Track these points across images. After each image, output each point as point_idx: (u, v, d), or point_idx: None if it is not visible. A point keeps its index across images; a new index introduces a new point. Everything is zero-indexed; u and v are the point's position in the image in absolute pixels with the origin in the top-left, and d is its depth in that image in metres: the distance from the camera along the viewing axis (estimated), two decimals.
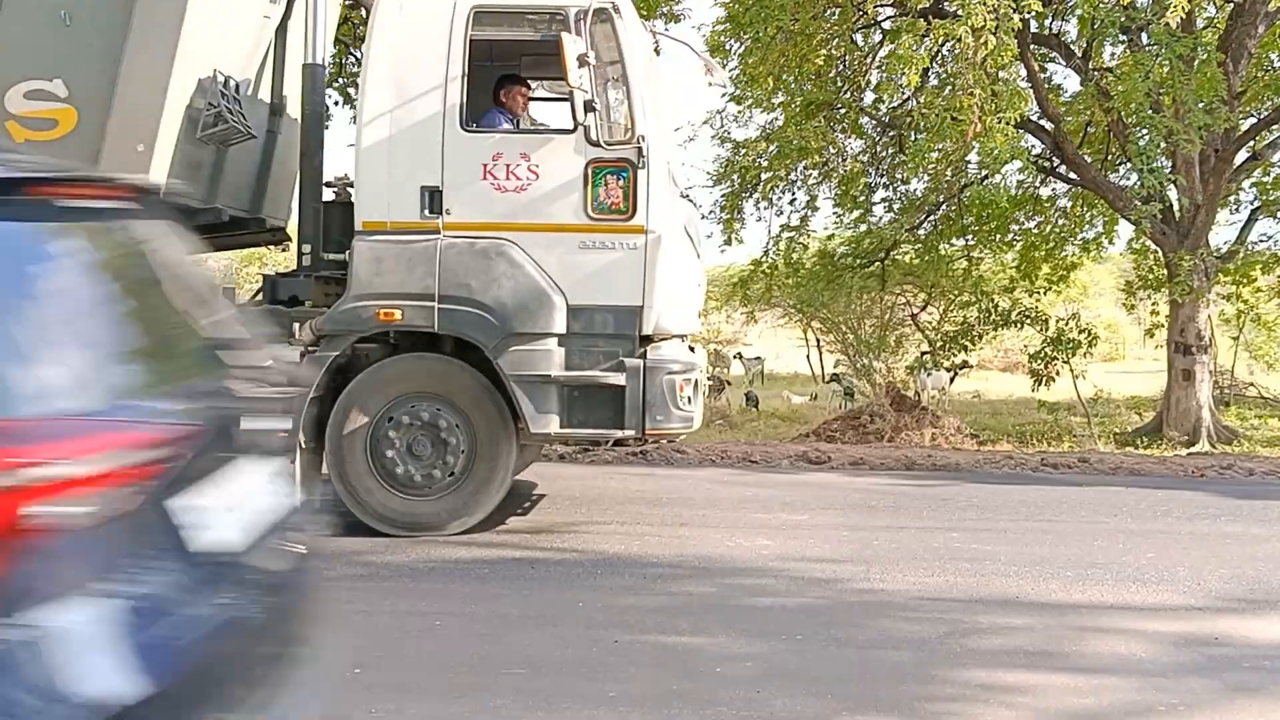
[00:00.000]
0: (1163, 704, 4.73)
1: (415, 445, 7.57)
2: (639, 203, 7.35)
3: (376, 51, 7.54)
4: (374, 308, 7.47)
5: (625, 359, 7.41)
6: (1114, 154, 16.54)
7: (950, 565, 7.13)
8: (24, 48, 7.43)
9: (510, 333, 7.37)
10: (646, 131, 7.34)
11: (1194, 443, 14.62)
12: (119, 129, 7.39)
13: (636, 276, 7.39)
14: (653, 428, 7.43)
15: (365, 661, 5.09)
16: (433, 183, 7.44)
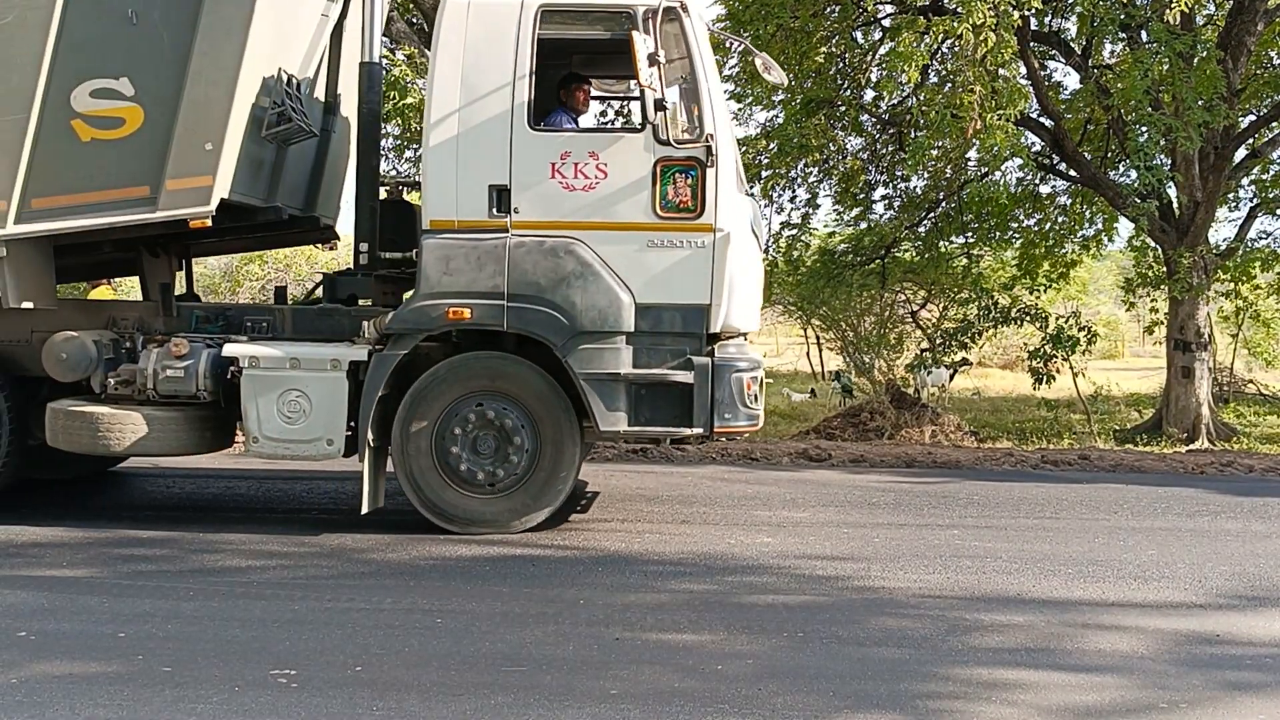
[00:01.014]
0: (1164, 701, 4.74)
1: (479, 443, 7.57)
2: (707, 201, 7.35)
3: (444, 51, 7.51)
4: (444, 306, 7.45)
5: (693, 357, 7.42)
6: (1113, 151, 16.53)
7: (951, 562, 7.14)
8: (90, 46, 7.44)
9: (579, 331, 7.38)
10: (715, 130, 7.34)
11: (1193, 440, 14.63)
12: (187, 127, 7.41)
13: (705, 275, 7.39)
14: (721, 426, 7.45)
15: (366, 660, 5.10)
16: (501, 181, 7.42)
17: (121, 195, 7.53)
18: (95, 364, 7.75)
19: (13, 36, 7.38)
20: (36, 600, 6.04)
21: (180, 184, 7.42)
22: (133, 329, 8.08)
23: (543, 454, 7.58)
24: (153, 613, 5.80)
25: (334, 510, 8.92)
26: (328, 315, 8.17)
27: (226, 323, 8.16)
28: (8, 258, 7.56)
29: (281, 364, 7.52)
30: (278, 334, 8.05)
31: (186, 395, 7.65)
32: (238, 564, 6.93)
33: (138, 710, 4.47)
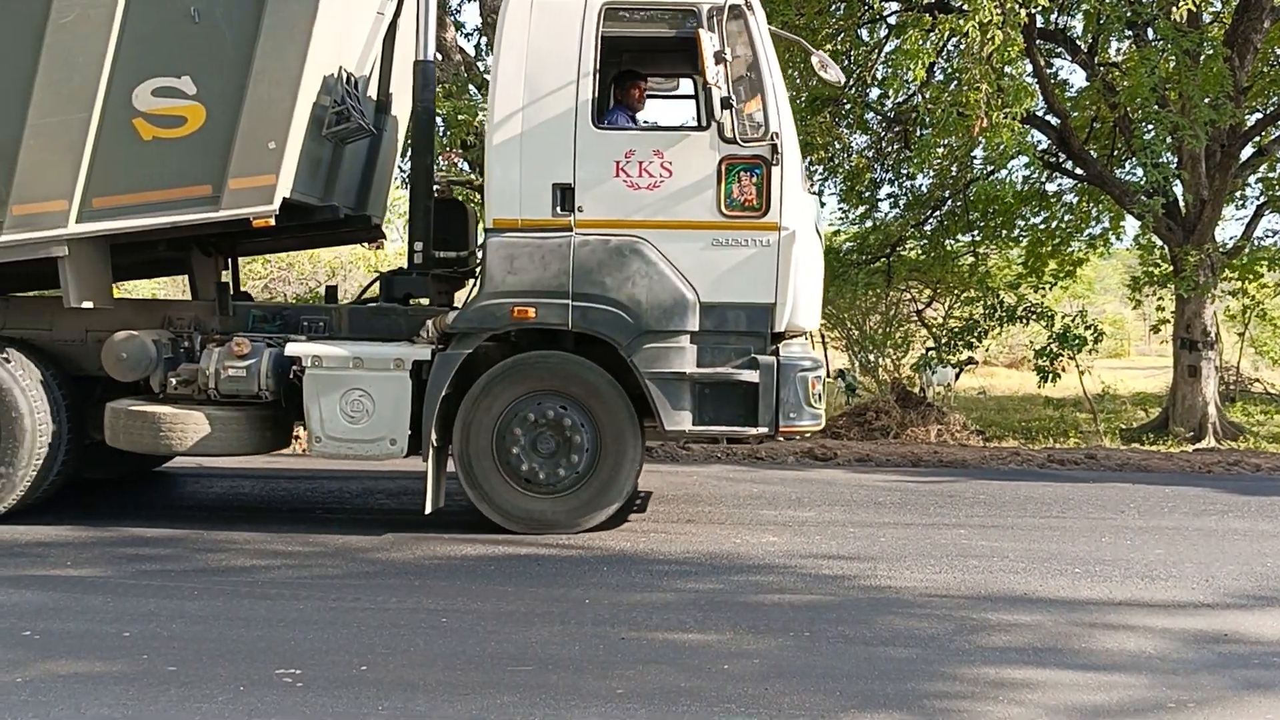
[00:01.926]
0: (1172, 700, 4.72)
1: (540, 443, 7.56)
2: (772, 200, 7.34)
3: (507, 49, 7.49)
4: (508, 305, 7.44)
5: (758, 356, 7.41)
6: (1120, 149, 16.50)
7: (957, 562, 7.12)
8: (152, 45, 7.41)
9: (644, 330, 7.37)
10: (780, 128, 7.32)
11: (1200, 439, 14.59)
12: (250, 126, 7.37)
13: (769, 273, 7.38)
14: (786, 426, 7.43)
15: (371, 659, 5.09)
16: (565, 180, 7.41)
17: (184, 194, 7.50)
18: (155, 363, 7.72)
19: (75, 35, 7.34)
20: (41, 600, 6.04)
21: (243, 183, 7.39)
22: (189, 328, 8.06)
23: (604, 453, 7.57)
24: (158, 612, 5.79)
25: (338, 509, 8.92)
26: (384, 315, 8.13)
27: (283, 322, 8.13)
28: (69, 257, 7.53)
29: (345, 363, 7.50)
30: (334, 333, 8.02)
31: (248, 395, 7.63)
32: (242, 563, 6.92)
33: (143, 709, 4.46)
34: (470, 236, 8.73)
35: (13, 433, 7.64)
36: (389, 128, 9.11)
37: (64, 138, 7.42)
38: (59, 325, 8.08)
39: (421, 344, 7.67)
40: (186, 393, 7.73)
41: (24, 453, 7.65)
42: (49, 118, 7.41)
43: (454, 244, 8.36)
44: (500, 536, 7.61)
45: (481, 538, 7.56)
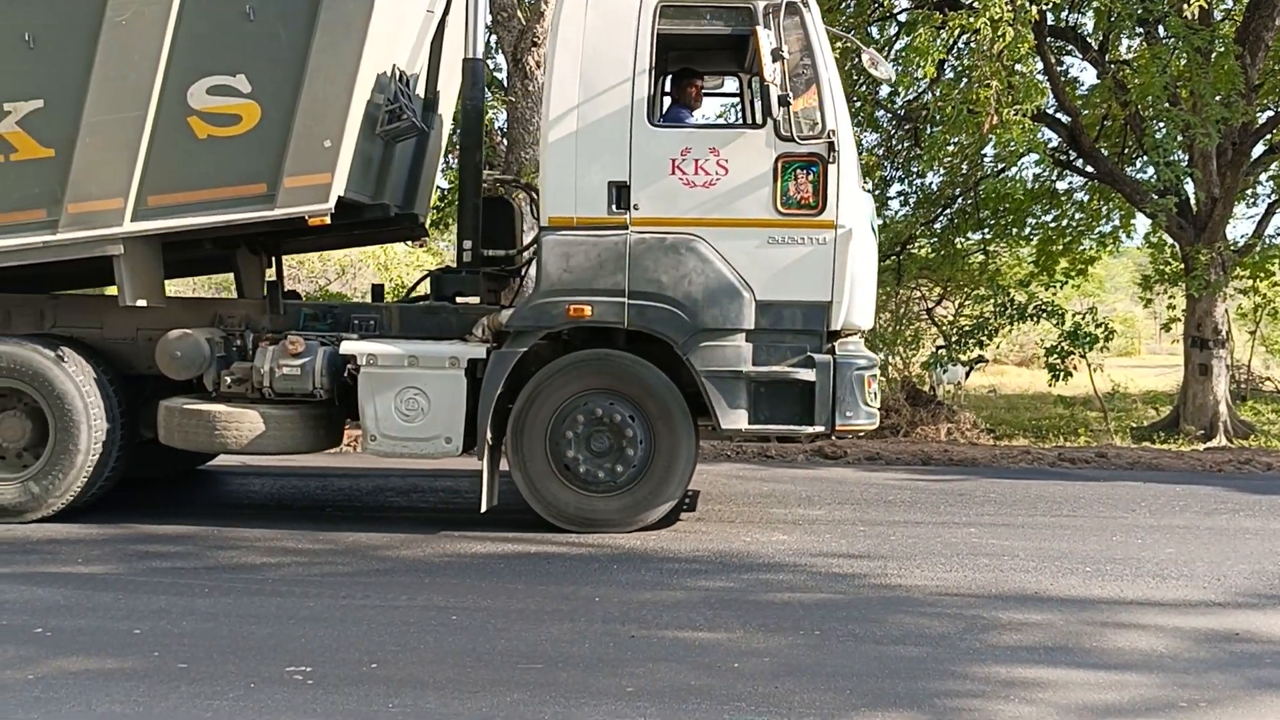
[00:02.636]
0: (1184, 699, 4.70)
1: (593, 441, 7.55)
2: (829, 197, 7.31)
3: (562, 47, 7.48)
4: (564, 304, 7.43)
5: (814, 354, 7.39)
6: (1131, 147, 16.46)
7: (968, 560, 7.11)
8: (206, 43, 7.41)
9: (701, 329, 7.36)
10: (837, 126, 7.31)
11: (1211, 437, 14.56)
12: (306, 124, 7.36)
13: (825, 271, 7.36)
14: (842, 424, 7.42)
15: (381, 656, 5.09)
16: (620, 178, 7.39)
17: (238, 193, 7.50)
18: (208, 362, 7.72)
19: (130, 33, 7.35)
20: (52, 597, 6.05)
21: (299, 181, 7.38)
22: (240, 326, 8.06)
23: (657, 452, 7.55)
24: (168, 609, 5.80)
25: (348, 507, 8.93)
26: (434, 313, 8.11)
27: (334, 320, 8.12)
28: (124, 255, 7.53)
29: (400, 362, 7.50)
30: (385, 332, 8.01)
31: (303, 393, 7.64)
32: (253, 561, 6.93)
33: (153, 706, 4.47)
34: (516, 235, 8.72)
35: (69, 431, 7.64)
36: (434, 126, 9.11)
37: (119, 136, 7.41)
38: (109, 323, 8.09)
39: (474, 342, 7.67)
40: (240, 391, 7.74)
41: (80, 451, 7.64)
42: (104, 116, 7.41)
43: (501, 242, 8.35)
44: (510, 534, 7.62)
45: (491, 536, 7.57)
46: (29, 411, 7.79)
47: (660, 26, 7.44)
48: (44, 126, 7.49)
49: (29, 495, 7.66)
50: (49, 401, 7.66)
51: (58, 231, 7.51)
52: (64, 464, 7.64)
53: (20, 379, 7.69)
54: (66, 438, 7.64)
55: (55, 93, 7.47)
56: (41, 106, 7.49)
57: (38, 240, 7.55)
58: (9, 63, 7.48)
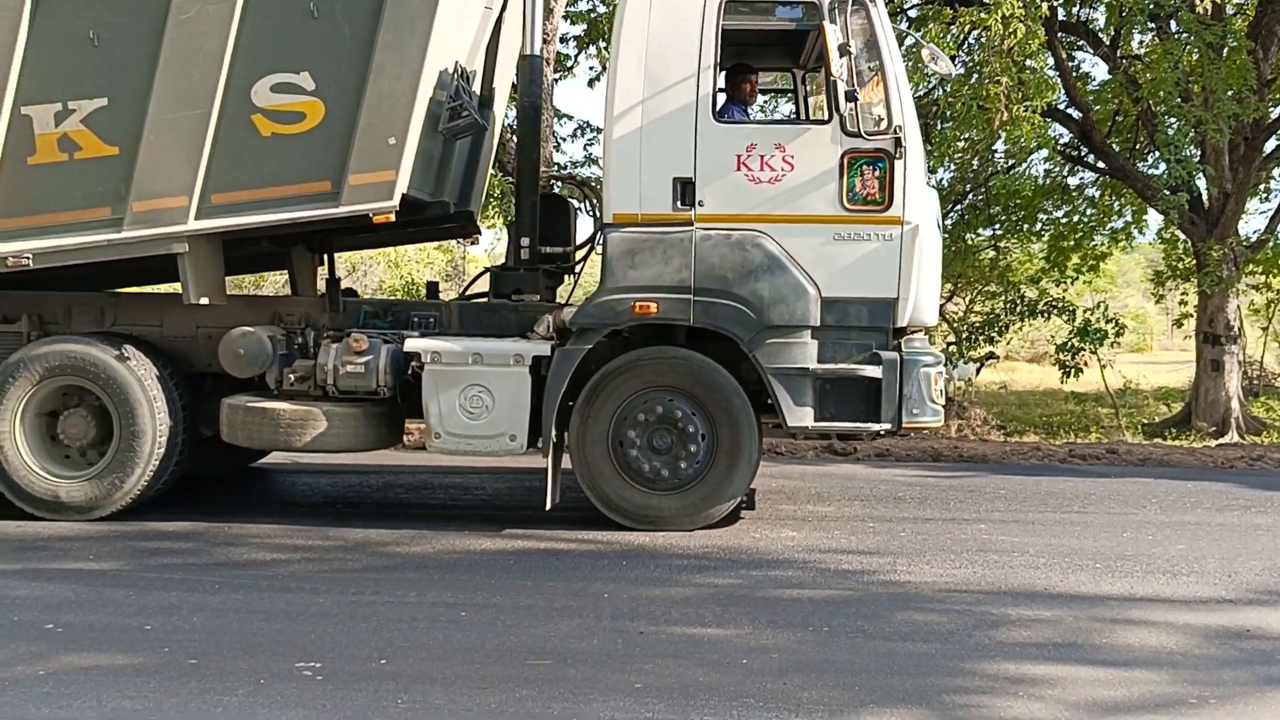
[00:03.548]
0: (1194, 696, 4.69)
1: (656, 439, 7.53)
2: (895, 193, 7.29)
3: (626, 42, 7.47)
4: (629, 301, 7.43)
5: (880, 352, 7.37)
6: (1142, 143, 16.41)
7: (978, 557, 7.10)
8: (270, 41, 7.41)
9: (767, 325, 7.33)
10: (904, 121, 7.28)
11: (1223, 434, 14.51)
12: (370, 122, 7.34)
13: (892, 268, 7.34)
14: (909, 421, 7.40)
15: (391, 652, 5.11)
16: (685, 174, 7.38)
17: (302, 190, 7.48)
18: (271, 359, 7.72)
19: (194, 31, 7.35)
20: (63, 593, 6.08)
21: (363, 179, 7.37)
22: (300, 324, 8.06)
23: (719, 449, 7.52)
24: (179, 605, 5.82)
25: (357, 504, 8.95)
26: (494, 310, 8.11)
27: (394, 318, 8.11)
28: (188, 254, 7.54)
29: (464, 359, 7.50)
30: (444, 329, 8.00)
31: (366, 391, 7.63)
32: (263, 557, 6.95)
33: (164, 702, 4.48)
34: (572, 232, 8.71)
35: (134, 429, 7.64)
36: (490, 122, 9.11)
37: (183, 134, 7.41)
38: (169, 321, 8.10)
39: (537, 339, 7.65)
40: (303, 389, 7.74)
41: (145, 449, 7.65)
42: (168, 114, 7.41)
43: (556, 239, 8.34)
44: (518, 531, 7.63)
45: (500, 532, 7.58)
46: (93, 410, 7.80)
47: (725, 22, 7.41)
48: (108, 125, 7.50)
49: (95, 493, 7.67)
50: (114, 399, 7.66)
51: (122, 230, 7.52)
52: (129, 462, 7.64)
53: (85, 377, 7.70)
54: (131, 435, 7.64)
55: (119, 91, 7.47)
56: (105, 105, 7.49)
57: (102, 238, 7.56)
58: (73, 61, 7.48)
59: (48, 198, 7.58)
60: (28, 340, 7.92)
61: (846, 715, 4.44)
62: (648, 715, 4.42)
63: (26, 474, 7.68)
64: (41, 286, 8.06)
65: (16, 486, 7.68)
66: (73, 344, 7.76)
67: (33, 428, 7.78)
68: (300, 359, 7.84)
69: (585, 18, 16.00)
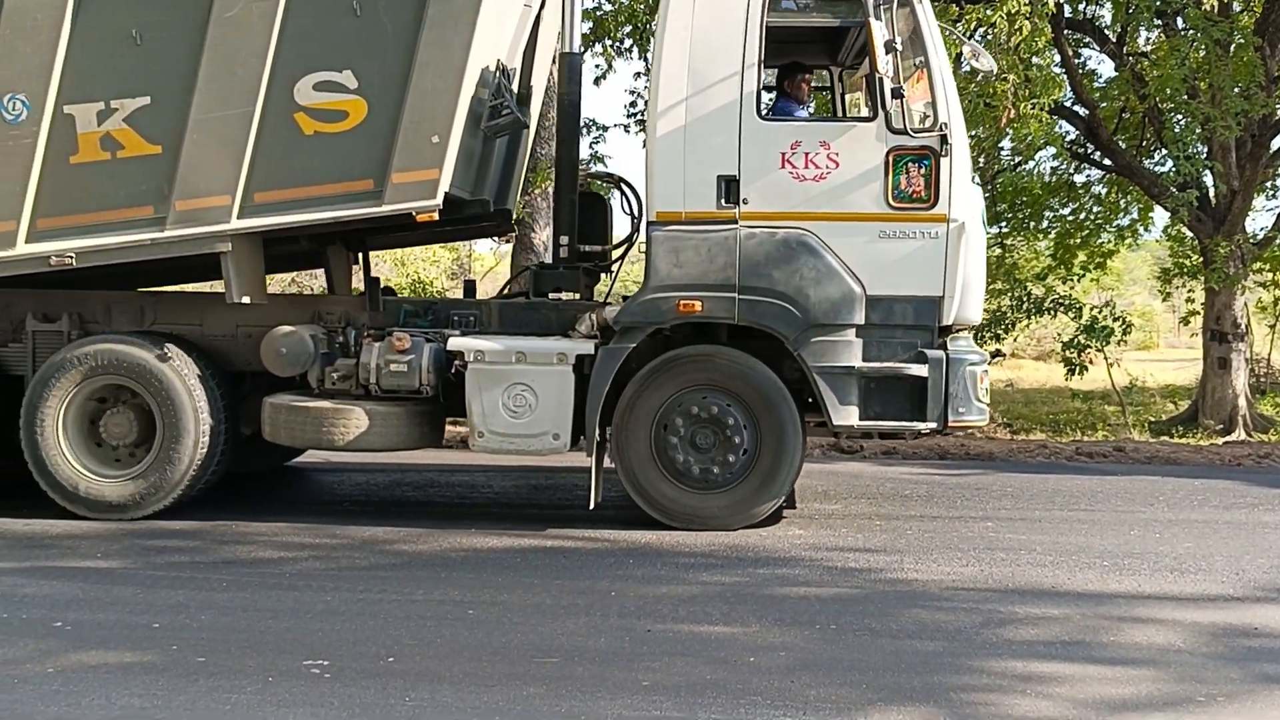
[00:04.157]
0: (1201, 694, 4.69)
1: (698, 437, 7.51)
2: (941, 191, 7.27)
3: (670, 40, 7.44)
4: (674, 299, 7.41)
5: (925, 350, 7.35)
6: (1149, 140, 16.37)
7: (984, 555, 7.10)
8: (313, 39, 7.40)
9: (812, 324, 7.31)
10: (950, 119, 7.27)
11: (1230, 431, 14.48)
12: (413, 120, 7.33)
13: (937, 266, 7.32)
14: (955, 420, 7.38)
15: (398, 651, 5.11)
16: (729, 172, 7.36)
17: (345, 189, 7.48)
18: (312, 359, 7.71)
19: (237, 29, 7.35)
20: (72, 591, 6.10)
21: (407, 177, 7.36)
22: (340, 323, 8.05)
23: (763, 449, 7.49)
24: (186, 603, 5.83)
25: (365, 502, 8.96)
26: (534, 309, 8.08)
27: (434, 317, 8.09)
28: (231, 253, 7.54)
29: (508, 358, 7.48)
30: (484, 328, 7.97)
31: (409, 390, 7.61)
32: (270, 555, 6.97)
33: (172, 700, 4.50)
34: (609, 230, 8.69)
35: (176, 428, 7.63)
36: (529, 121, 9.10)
37: (226, 133, 7.41)
38: (209, 320, 8.09)
39: (579, 338, 7.64)
40: (344, 388, 7.73)
41: (188, 448, 7.65)
42: (211, 112, 7.42)
43: (594, 238, 8.34)
44: (526, 529, 7.64)
45: (507, 530, 7.58)
46: (136, 409, 7.81)
47: (769, 19, 7.39)
48: (151, 123, 7.50)
49: (138, 492, 7.67)
50: (157, 399, 7.66)
51: (165, 229, 7.51)
52: (172, 460, 7.64)
53: (128, 376, 7.70)
54: (175, 435, 7.63)
55: (162, 89, 7.47)
56: (148, 103, 7.49)
57: (146, 237, 7.56)
58: (116, 60, 7.49)
59: (90, 197, 7.58)
60: (68, 339, 7.93)
61: (854, 713, 4.45)
62: (655, 713, 4.42)
63: (70, 473, 7.69)
64: (74, 285, 8.06)
65: (60, 486, 7.69)
66: (116, 343, 7.76)
67: (75, 427, 7.78)
68: (342, 358, 7.82)
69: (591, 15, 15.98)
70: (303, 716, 4.35)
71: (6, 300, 8.11)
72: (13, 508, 7.87)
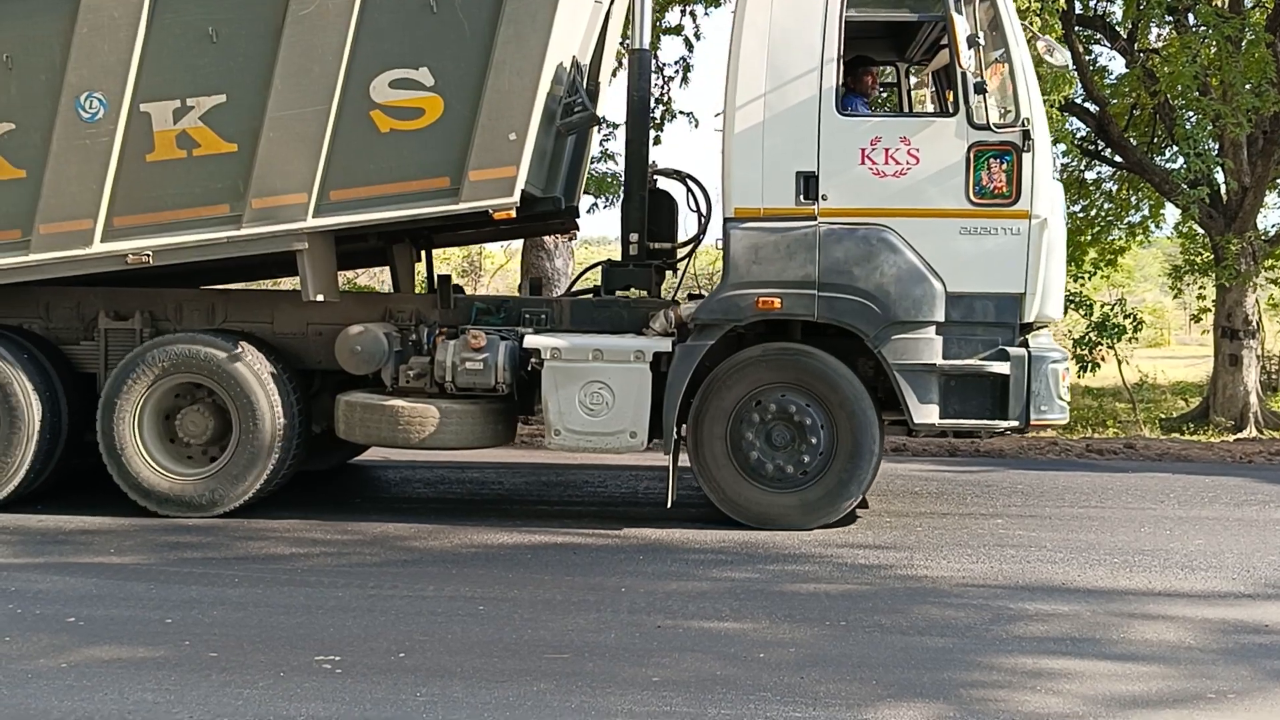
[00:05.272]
0: (1211, 691, 4.69)
1: (774, 436, 7.47)
2: (1023, 187, 7.22)
3: (748, 34, 7.41)
4: (753, 296, 7.36)
5: (1007, 348, 7.31)
6: (1160, 137, 16.34)
7: (995, 551, 7.09)
8: (389, 37, 7.38)
9: (892, 321, 7.26)
10: (1032, 114, 7.23)
11: (1241, 428, 14.46)
12: (490, 117, 7.30)
13: (1019, 262, 7.27)
14: (1037, 419, 7.32)
15: (409, 646, 5.13)
16: (808, 168, 7.32)
17: (421, 187, 7.45)
18: (386, 356, 7.69)
19: (313, 27, 7.33)
20: (85, 586, 6.12)
21: (484, 175, 7.32)
22: (411, 321, 8.03)
23: (839, 447, 7.44)
24: (199, 599, 5.86)
25: (375, 498, 8.98)
26: (606, 306, 8.04)
27: (506, 314, 8.04)
28: (307, 251, 7.53)
29: (585, 355, 7.45)
30: (556, 325, 7.94)
31: (484, 388, 7.59)
32: (281, 551, 6.99)
33: (184, 695, 4.52)
34: (677, 227, 8.65)
35: (253, 425, 7.62)
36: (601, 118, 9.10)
37: (302, 130, 7.40)
38: (280, 318, 8.08)
39: (653, 335, 7.63)
40: (418, 385, 7.71)
41: (264, 445, 7.63)
42: (287, 110, 7.40)
43: (661, 234, 8.32)
44: (536, 525, 7.65)
45: (518, 526, 7.60)
46: (210, 407, 7.81)
47: (849, 14, 7.35)
48: (226, 121, 7.49)
49: (215, 490, 7.67)
50: (233, 396, 7.65)
51: (241, 227, 7.51)
52: (248, 458, 7.64)
53: (204, 374, 7.70)
54: (251, 432, 7.63)
55: (237, 87, 7.47)
56: (224, 101, 7.47)
57: (222, 235, 7.56)
58: (192, 58, 7.48)
59: (166, 195, 7.57)
60: (140, 338, 7.94)
61: (864, 709, 4.46)
62: (665, 709, 4.44)
63: (148, 473, 7.70)
64: (142, 283, 8.08)
65: (139, 485, 7.69)
66: (192, 341, 7.76)
67: (151, 425, 7.79)
68: (415, 356, 7.80)
69: None
70: (314, 711, 4.37)
71: (78, 298, 8.12)
72: (76, 506, 7.91)
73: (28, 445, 7.71)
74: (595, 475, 9.69)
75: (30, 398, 7.70)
